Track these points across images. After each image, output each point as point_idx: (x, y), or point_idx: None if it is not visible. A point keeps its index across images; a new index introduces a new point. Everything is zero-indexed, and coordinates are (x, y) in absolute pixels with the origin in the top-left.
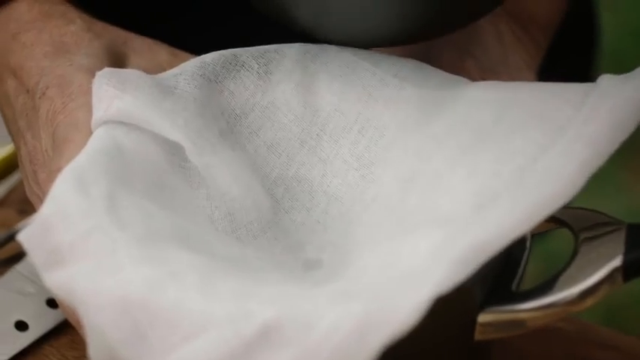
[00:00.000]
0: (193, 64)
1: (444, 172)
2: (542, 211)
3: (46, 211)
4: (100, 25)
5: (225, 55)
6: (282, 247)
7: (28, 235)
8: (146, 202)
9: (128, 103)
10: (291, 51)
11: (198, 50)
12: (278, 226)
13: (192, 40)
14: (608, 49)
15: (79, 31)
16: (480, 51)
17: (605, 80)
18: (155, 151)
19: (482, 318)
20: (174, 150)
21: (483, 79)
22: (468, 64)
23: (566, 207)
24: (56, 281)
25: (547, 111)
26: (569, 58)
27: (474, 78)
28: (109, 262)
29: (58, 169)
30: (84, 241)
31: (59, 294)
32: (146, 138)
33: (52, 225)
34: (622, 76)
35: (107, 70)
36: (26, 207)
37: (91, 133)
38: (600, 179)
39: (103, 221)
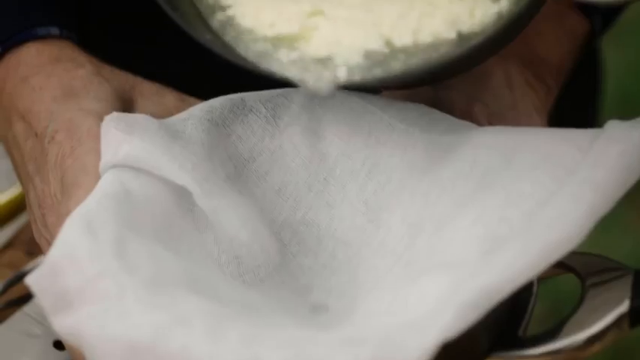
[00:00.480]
0: (201, 108)
1: (452, 217)
2: (550, 257)
3: (54, 254)
4: (108, 70)
5: (233, 100)
6: (289, 291)
7: (36, 278)
8: (154, 245)
9: (136, 147)
10: (298, 95)
11: (205, 94)
12: (285, 270)
13: (200, 85)
14: (614, 89)
15: (87, 75)
16: (489, 96)
17: (613, 125)
18: (163, 195)
19: None
20: (182, 194)
21: (491, 124)
22: (475, 109)
23: (574, 252)
24: (64, 325)
25: (555, 155)
26: (573, 103)
27: (481, 123)
28: (117, 307)
29: (67, 213)
30: (92, 286)
31: (67, 338)
32: (154, 182)
33: (60, 269)
34: (629, 122)
35: (115, 114)
36: (34, 249)
37: (99, 177)
38: (607, 219)
39: (112, 265)
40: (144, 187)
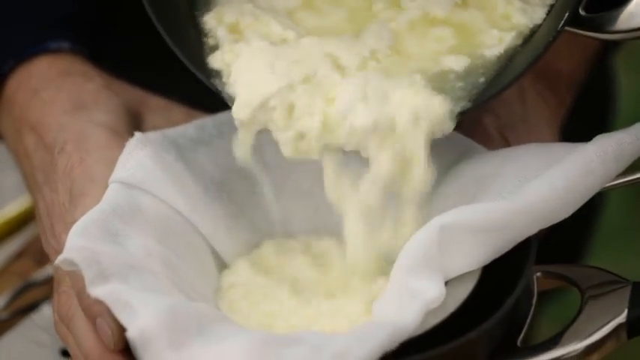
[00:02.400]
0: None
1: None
2: None
3: (60, 261)
4: (117, 84)
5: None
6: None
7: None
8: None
9: (150, 177)
10: None
11: (214, 108)
12: None
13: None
14: (632, 113)
15: (97, 89)
16: (501, 107)
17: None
18: (164, 208)
19: None
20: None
21: (502, 135)
22: (486, 120)
23: (574, 265)
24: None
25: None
26: (586, 115)
27: (491, 134)
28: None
29: (73, 222)
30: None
31: None
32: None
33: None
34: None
35: (140, 134)
36: (44, 259)
37: (106, 186)
38: (622, 244)
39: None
40: (148, 200)
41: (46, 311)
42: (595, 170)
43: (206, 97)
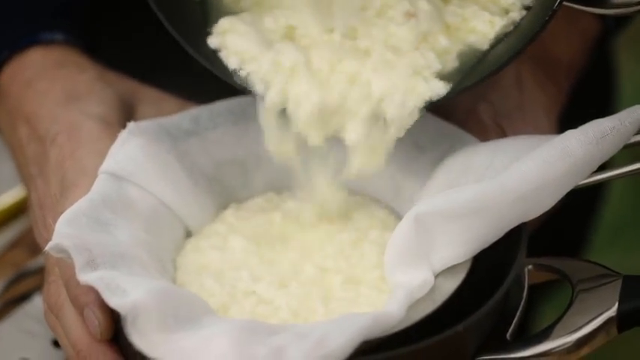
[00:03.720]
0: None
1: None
2: None
3: (50, 249)
4: (111, 75)
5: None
6: None
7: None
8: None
9: (140, 170)
10: None
11: (207, 100)
12: None
13: (201, 88)
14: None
15: (90, 80)
16: (497, 95)
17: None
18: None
19: None
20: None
21: (497, 123)
22: (480, 109)
23: (565, 258)
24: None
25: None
26: (587, 103)
27: (486, 122)
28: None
29: (63, 212)
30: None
31: None
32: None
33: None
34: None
35: (134, 124)
36: (37, 248)
37: (96, 177)
38: (631, 240)
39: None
40: (136, 191)
41: (38, 301)
42: (573, 153)
43: (200, 87)
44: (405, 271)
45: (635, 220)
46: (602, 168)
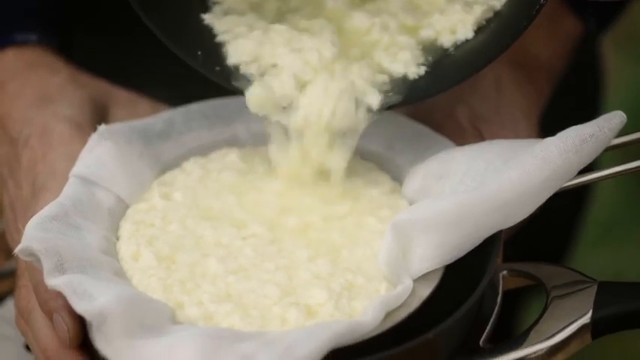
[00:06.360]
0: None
1: None
2: None
3: (19, 252)
4: (84, 77)
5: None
6: None
7: None
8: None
9: (109, 175)
10: None
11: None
12: None
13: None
14: (631, 103)
15: (62, 82)
16: (475, 99)
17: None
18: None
19: None
20: None
21: (475, 127)
22: (457, 112)
23: (540, 263)
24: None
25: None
26: (573, 104)
27: (464, 126)
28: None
29: (34, 215)
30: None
31: None
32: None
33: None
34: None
35: (105, 127)
36: (11, 251)
37: (66, 180)
38: (622, 236)
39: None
40: (106, 196)
41: (11, 305)
42: (552, 161)
43: (177, 88)
44: (380, 280)
45: (625, 218)
46: (587, 170)
